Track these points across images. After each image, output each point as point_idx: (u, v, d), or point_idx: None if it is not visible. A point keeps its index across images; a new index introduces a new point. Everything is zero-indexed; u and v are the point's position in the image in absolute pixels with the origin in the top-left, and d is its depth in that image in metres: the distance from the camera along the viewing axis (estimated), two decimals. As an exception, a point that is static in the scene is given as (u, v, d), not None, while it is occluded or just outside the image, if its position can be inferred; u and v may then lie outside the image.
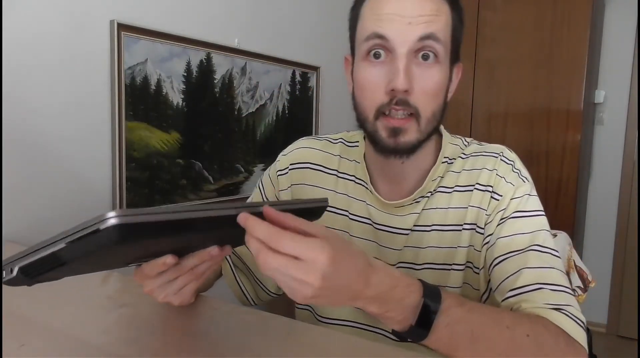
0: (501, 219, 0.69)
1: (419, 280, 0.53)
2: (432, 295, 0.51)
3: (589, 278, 1.38)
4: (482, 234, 0.71)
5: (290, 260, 0.42)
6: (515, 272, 0.65)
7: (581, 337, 0.60)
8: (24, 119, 1.26)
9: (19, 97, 1.24)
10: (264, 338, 0.63)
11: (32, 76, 1.27)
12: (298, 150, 0.84)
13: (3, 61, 1.20)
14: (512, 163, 0.73)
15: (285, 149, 0.86)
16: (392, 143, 0.67)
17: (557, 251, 0.68)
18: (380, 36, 0.64)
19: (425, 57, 0.65)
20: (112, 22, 1.43)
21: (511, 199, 0.70)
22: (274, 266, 0.42)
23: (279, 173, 0.84)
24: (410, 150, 0.69)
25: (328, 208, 0.77)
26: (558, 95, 2.38)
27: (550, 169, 2.42)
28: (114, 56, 1.44)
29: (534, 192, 0.72)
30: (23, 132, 1.26)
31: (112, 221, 0.38)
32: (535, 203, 0.71)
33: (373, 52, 0.66)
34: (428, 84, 0.65)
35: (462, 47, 0.74)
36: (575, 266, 1.36)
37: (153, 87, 1.57)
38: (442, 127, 0.79)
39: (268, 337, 0.63)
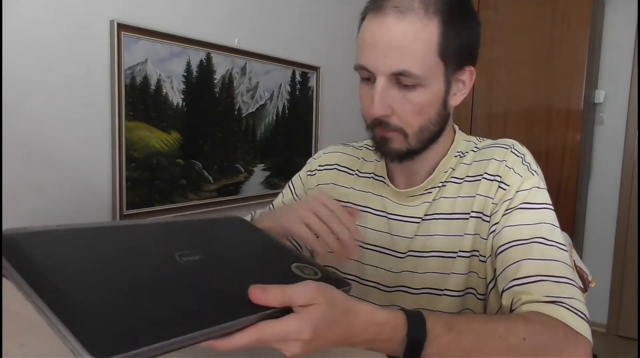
0: (507, 209, 0.70)
1: (405, 313, 0.53)
2: (417, 330, 0.52)
3: (589, 278, 1.38)
4: (488, 222, 0.72)
5: (275, 342, 0.45)
6: (517, 261, 0.66)
7: (583, 327, 0.59)
8: (24, 119, 1.26)
9: (19, 97, 1.24)
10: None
11: (32, 76, 1.27)
12: (326, 154, 0.93)
13: (3, 61, 1.20)
14: (522, 156, 0.75)
15: (315, 154, 0.96)
16: (384, 149, 0.74)
17: (564, 245, 0.68)
18: (363, 67, 0.69)
19: (404, 83, 0.68)
20: (112, 22, 1.43)
21: (518, 190, 0.71)
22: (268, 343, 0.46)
23: (308, 173, 0.92)
24: (402, 157, 0.73)
25: (346, 204, 0.85)
26: (558, 95, 2.38)
27: (550, 169, 2.42)
28: (113, 56, 1.44)
29: (543, 185, 0.73)
30: (23, 133, 1.26)
31: None
32: (543, 196, 0.71)
33: (363, 77, 0.72)
34: (407, 107, 0.69)
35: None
36: (575, 266, 1.36)
37: (153, 87, 1.57)
38: (456, 127, 0.82)
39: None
